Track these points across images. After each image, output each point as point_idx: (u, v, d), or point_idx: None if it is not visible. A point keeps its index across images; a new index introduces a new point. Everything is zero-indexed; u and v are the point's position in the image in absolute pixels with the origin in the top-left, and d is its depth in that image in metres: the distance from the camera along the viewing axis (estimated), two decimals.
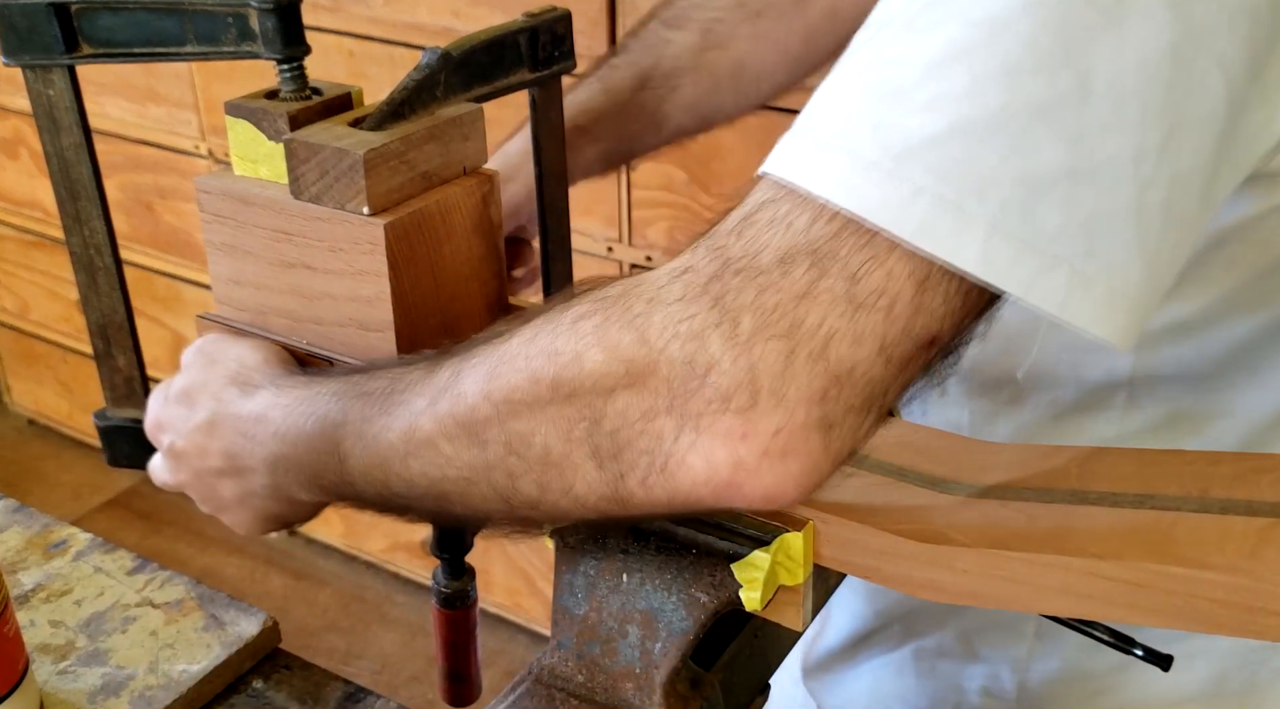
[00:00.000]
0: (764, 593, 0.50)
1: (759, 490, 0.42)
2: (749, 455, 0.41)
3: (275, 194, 0.61)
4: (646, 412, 0.43)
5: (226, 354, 0.63)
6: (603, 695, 0.55)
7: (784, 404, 0.41)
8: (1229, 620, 0.44)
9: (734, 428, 0.41)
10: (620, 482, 0.44)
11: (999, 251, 0.38)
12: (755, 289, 0.41)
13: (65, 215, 0.68)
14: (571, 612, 0.55)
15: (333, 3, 1.60)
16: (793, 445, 0.41)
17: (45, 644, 0.70)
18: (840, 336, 0.40)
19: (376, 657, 1.96)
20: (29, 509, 0.82)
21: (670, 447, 0.43)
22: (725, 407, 0.41)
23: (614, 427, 0.44)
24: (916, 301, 0.40)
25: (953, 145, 0.38)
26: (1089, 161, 0.38)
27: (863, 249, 0.40)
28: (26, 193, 2.19)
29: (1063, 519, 0.49)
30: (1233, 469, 0.51)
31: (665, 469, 0.43)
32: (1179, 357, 0.58)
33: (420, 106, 0.60)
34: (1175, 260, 0.42)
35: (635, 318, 0.43)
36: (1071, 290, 0.39)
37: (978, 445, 0.56)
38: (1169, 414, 0.60)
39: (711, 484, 0.42)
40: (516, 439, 0.47)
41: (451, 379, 0.49)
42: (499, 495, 0.48)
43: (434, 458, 0.50)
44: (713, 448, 0.42)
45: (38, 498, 2.21)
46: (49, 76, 0.65)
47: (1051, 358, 0.61)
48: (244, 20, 0.61)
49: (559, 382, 0.45)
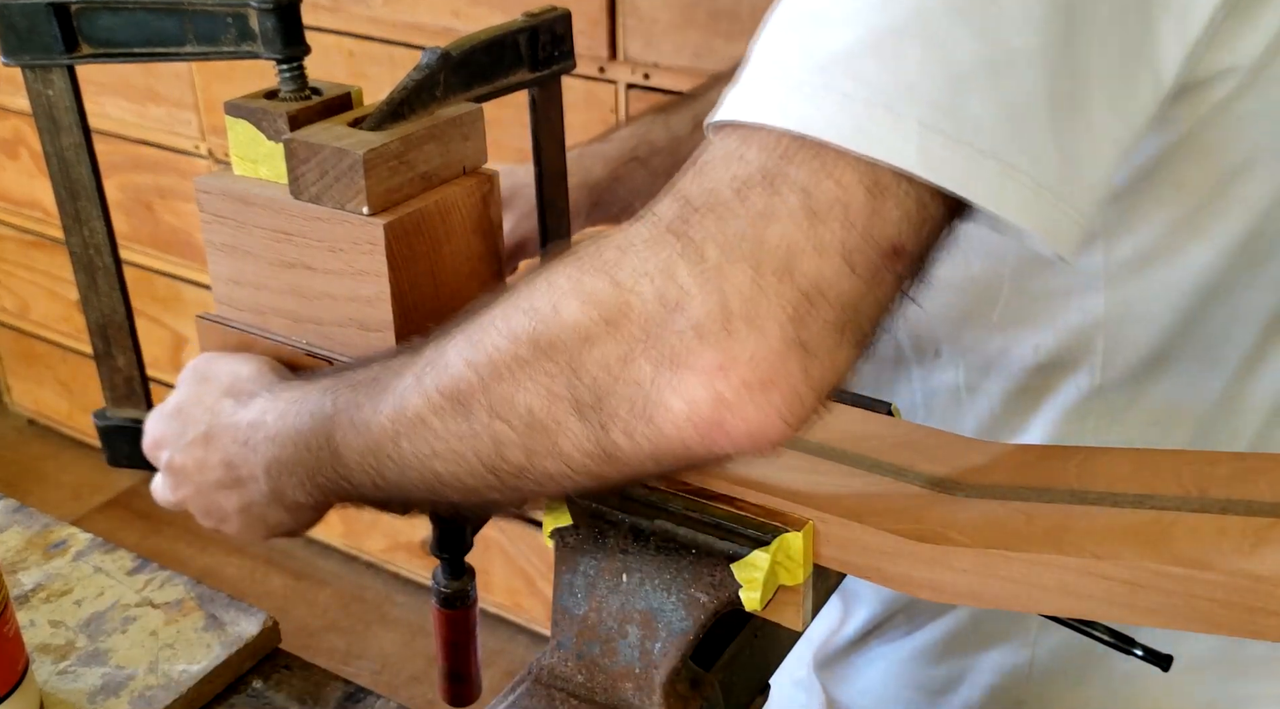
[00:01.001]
0: (764, 593, 0.50)
1: (743, 428, 0.42)
2: (728, 389, 0.41)
3: (275, 194, 0.61)
4: (624, 356, 0.43)
5: (219, 370, 0.63)
6: (602, 695, 0.55)
7: (757, 326, 0.41)
8: (1228, 620, 0.44)
9: (710, 360, 0.41)
10: (604, 434, 0.44)
11: (933, 146, 0.40)
12: (716, 219, 0.42)
13: (65, 215, 0.68)
14: (571, 612, 0.55)
15: (333, 3, 1.60)
16: (771, 373, 0.41)
17: (45, 644, 0.70)
18: (803, 250, 0.41)
19: (376, 657, 1.96)
20: (29, 509, 0.82)
21: (650, 390, 0.43)
22: (700, 338, 0.41)
23: (593, 376, 0.44)
24: (871, 207, 0.41)
25: (874, 51, 0.41)
26: (1003, 52, 0.40)
27: (810, 163, 0.41)
28: (26, 193, 2.19)
29: (1062, 519, 0.49)
30: (1231, 469, 0.51)
31: (647, 415, 0.43)
32: (1149, 292, 0.58)
33: (420, 106, 0.60)
34: (1097, 160, 0.44)
35: (606, 265, 0.44)
36: (1003, 181, 0.41)
37: (977, 445, 0.56)
38: (1149, 358, 0.60)
39: (695, 425, 0.42)
40: (500, 403, 0.47)
41: (436, 353, 0.50)
42: (487, 467, 0.48)
43: (423, 435, 0.50)
44: (692, 385, 0.42)
45: (38, 498, 2.21)
46: (49, 76, 0.65)
47: (1026, 302, 0.61)
48: (244, 20, 0.61)
49: (536, 337, 0.45)
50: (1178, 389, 0.61)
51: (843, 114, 0.40)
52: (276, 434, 0.57)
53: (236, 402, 0.60)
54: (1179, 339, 0.59)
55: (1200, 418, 0.61)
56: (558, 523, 0.55)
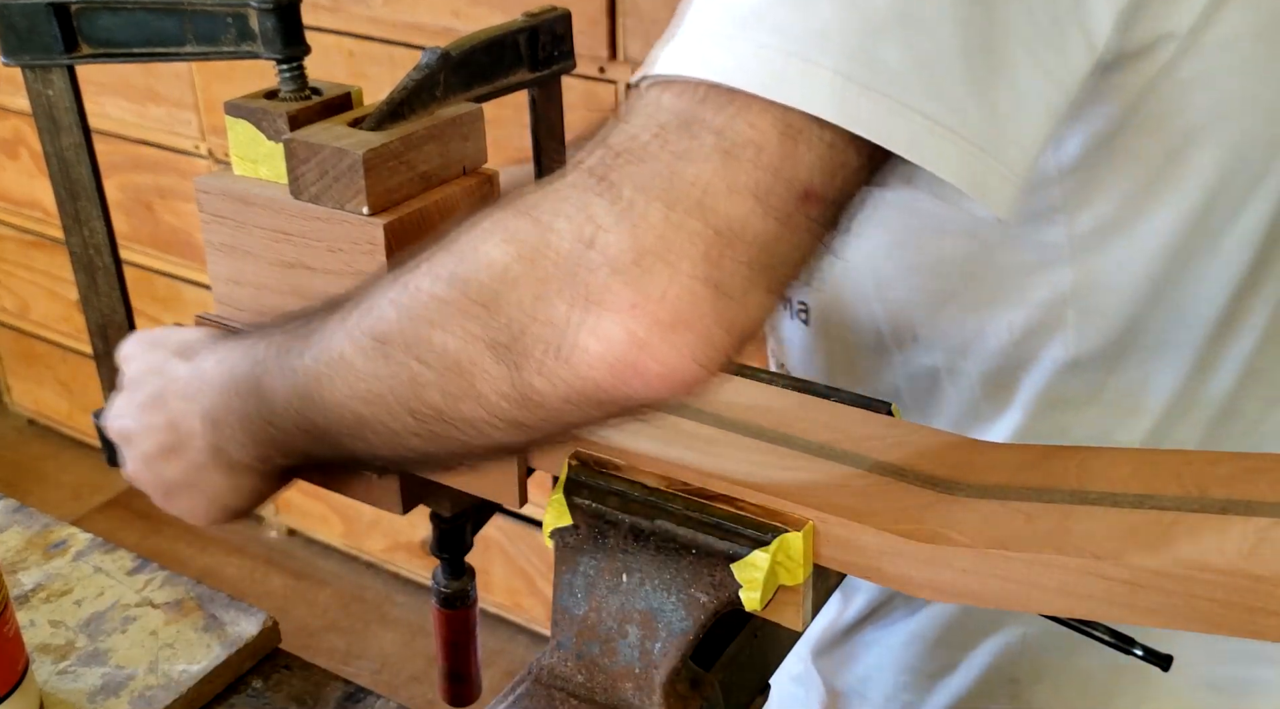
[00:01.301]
0: (764, 593, 0.50)
1: (656, 368, 0.42)
2: (641, 327, 0.42)
3: (275, 194, 0.61)
4: (539, 294, 0.43)
5: (170, 336, 0.63)
6: (602, 696, 0.55)
7: (670, 263, 0.41)
8: (1228, 620, 0.44)
9: (623, 297, 0.42)
10: (519, 374, 0.45)
11: (848, 93, 0.41)
12: (634, 161, 0.42)
13: (65, 215, 0.68)
14: (571, 612, 0.55)
15: (332, 3, 1.60)
16: (683, 312, 0.42)
17: (45, 644, 0.70)
18: (717, 190, 0.41)
19: (376, 657, 1.96)
20: (29, 509, 0.82)
21: (564, 329, 0.43)
22: (614, 275, 0.42)
23: (509, 315, 0.44)
24: (785, 150, 0.41)
25: (790, 3, 0.42)
26: (916, 5, 0.41)
27: (726, 109, 0.42)
28: (26, 193, 2.19)
29: (1062, 519, 0.49)
30: (1231, 469, 0.51)
31: (561, 353, 0.43)
32: (1114, 262, 0.59)
33: (420, 106, 0.60)
34: (1026, 118, 0.44)
35: (528, 206, 0.45)
36: (920, 131, 0.42)
37: (977, 445, 0.56)
38: (1121, 329, 0.61)
39: (608, 363, 0.43)
40: (419, 342, 0.47)
41: (365, 296, 0.50)
42: (406, 409, 0.49)
43: (345, 376, 0.50)
44: (606, 324, 0.42)
45: (38, 498, 2.21)
46: (49, 76, 0.65)
47: (996, 280, 0.62)
48: (243, 20, 0.61)
49: (456, 276, 0.46)
50: (1152, 359, 0.61)
51: (758, 62, 0.41)
52: (213, 380, 0.57)
53: (183, 359, 0.60)
54: (1148, 309, 0.60)
55: (1175, 387, 0.62)
56: (558, 523, 0.55)
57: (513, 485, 0.59)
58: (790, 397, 0.61)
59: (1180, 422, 0.63)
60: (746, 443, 0.56)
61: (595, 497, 0.54)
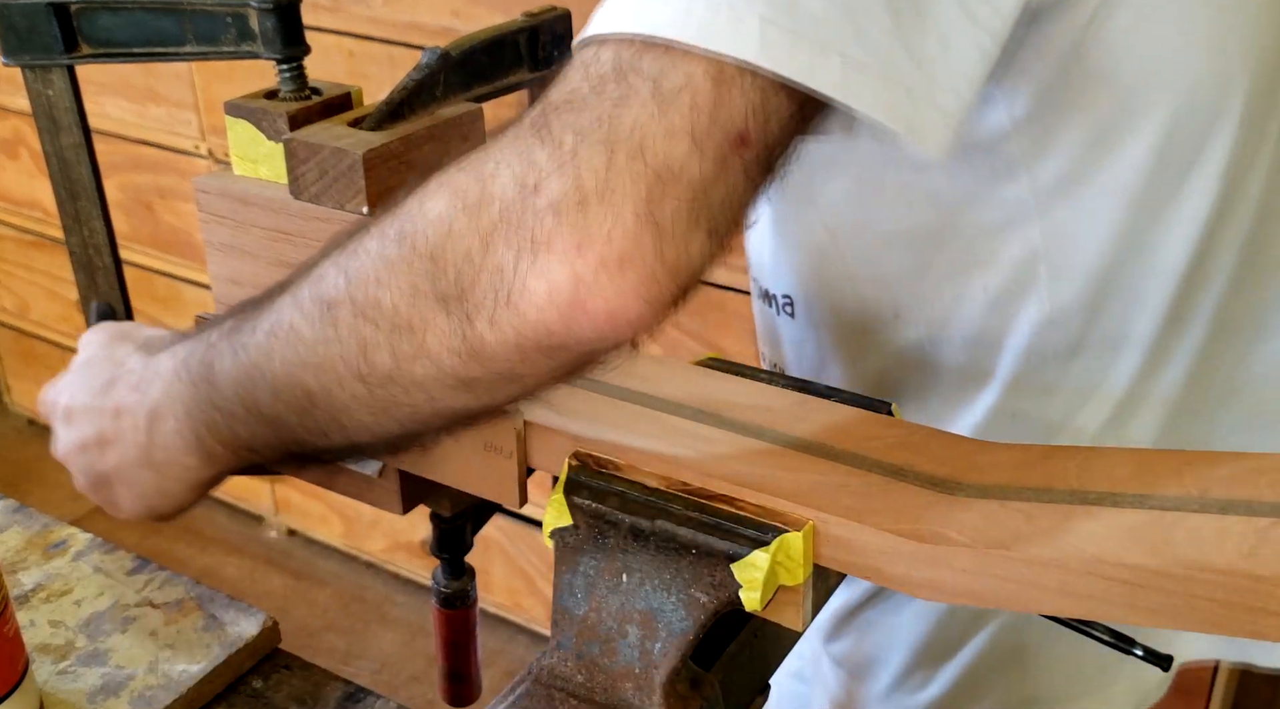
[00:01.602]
0: (764, 593, 0.50)
1: (602, 307, 0.43)
2: (585, 269, 0.43)
3: (274, 194, 0.61)
4: (486, 244, 0.44)
5: (137, 332, 0.64)
6: (602, 696, 0.55)
7: (611, 205, 0.43)
8: (1229, 620, 0.44)
9: (568, 240, 0.43)
10: (469, 326, 0.45)
11: (775, 41, 0.42)
12: (573, 112, 0.44)
13: (65, 215, 0.69)
14: (571, 612, 0.55)
15: (332, 3, 1.60)
16: (626, 251, 0.43)
17: (45, 644, 0.70)
18: (654, 133, 0.43)
19: (376, 657, 1.96)
20: (28, 509, 0.82)
21: (511, 276, 0.44)
22: (557, 218, 0.43)
23: (457, 268, 0.45)
24: (717, 96, 0.43)
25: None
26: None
27: (660, 59, 0.43)
28: (26, 193, 2.19)
29: (1062, 519, 0.49)
30: (1231, 469, 0.51)
31: (509, 300, 0.44)
32: (1083, 214, 0.60)
33: (420, 106, 0.60)
34: (955, 61, 0.46)
35: (471, 162, 0.46)
36: (847, 74, 0.43)
37: (977, 445, 0.56)
38: (1096, 281, 0.62)
39: (555, 306, 0.44)
40: (366, 303, 0.48)
41: (313, 266, 0.51)
42: (355, 374, 0.49)
43: (294, 345, 0.51)
44: (551, 266, 0.43)
45: (37, 498, 2.21)
46: (48, 76, 0.65)
47: (967, 244, 0.63)
48: (243, 20, 0.61)
49: (402, 235, 0.47)
50: (1127, 310, 0.63)
51: (687, 14, 0.43)
52: (163, 371, 0.57)
53: (146, 353, 0.61)
54: (1119, 259, 0.61)
55: (1152, 338, 0.63)
56: (558, 523, 0.55)
57: (513, 485, 0.59)
58: (790, 396, 0.61)
59: (1161, 372, 0.64)
60: (746, 443, 0.56)
61: (595, 497, 0.54)
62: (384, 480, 0.63)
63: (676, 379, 0.61)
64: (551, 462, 0.57)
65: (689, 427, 0.57)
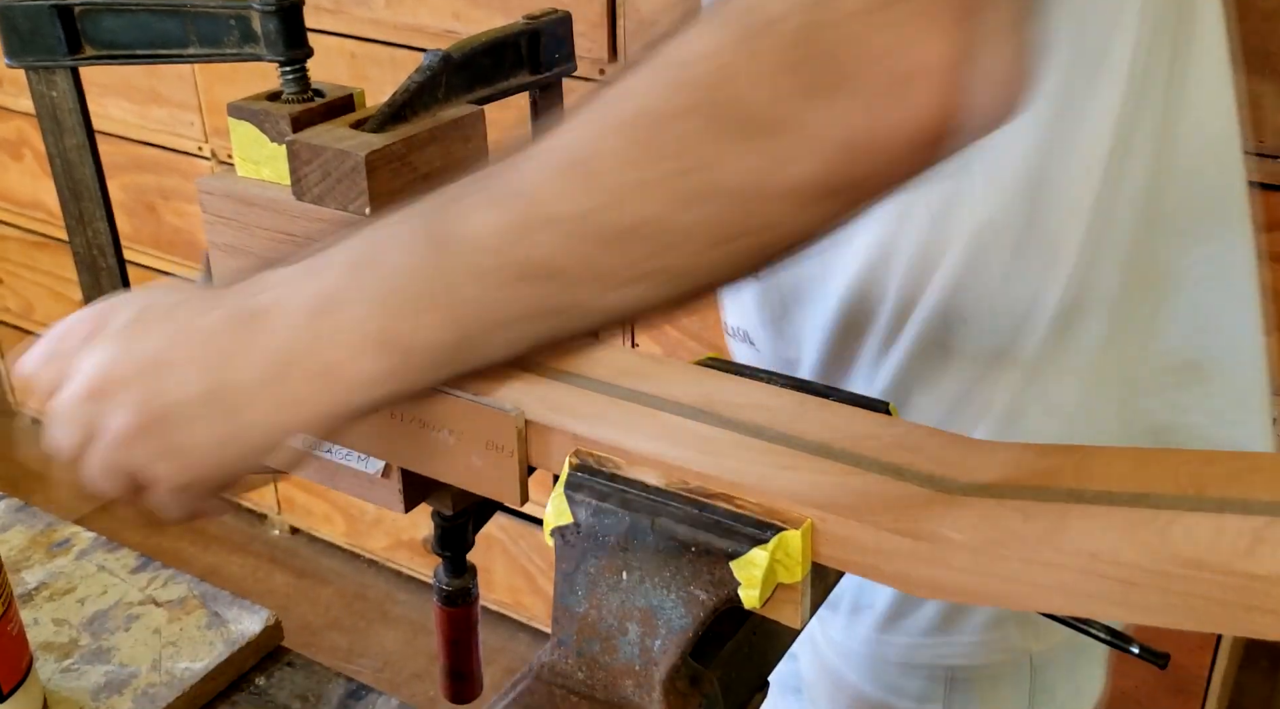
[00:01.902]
0: (762, 591, 0.51)
1: (1000, 73, 0.39)
2: (973, 38, 0.38)
3: (277, 195, 0.61)
4: (865, 24, 0.38)
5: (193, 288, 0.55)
6: (603, 693, 0.55)
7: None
8: (1225, 619, 0.44)
9: (946, 11, 0.38)
10: (850, 116, 0.39)
11: None
12: None
13: (68, 216, 0.69)
14: (572, 609, 0.56)
15: (335, 5, 1.61)
16: (1001, 19, 0.39)
17: (49, 642, 0.70)
18: None
19: (378, 654, 1.96)
20: (32, 508, 0.83)
21: (897, 55, 0.38)
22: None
23: (830, 41, 0.39)
24: None
25: None
26: None
27: None
28: (30, 194, 2.19)
29: (1059, 518, 0.49)
30: (1228, 468, 0.51)
31: (902, 81, 0.39)
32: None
33: (422, 108, 0.61)
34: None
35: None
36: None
37: (975, 444, 0.57)
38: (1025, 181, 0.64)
39: (953, 81, 0.39)
40: (717, 103, 0.41)
41: (605, 90, 0.45)
42: (701, 191, 0.42)
43: (610, 164, 0.43)
44: (936, 41, 0.38)
45: (41, 497, 2.22)
46: (52, 78, 0.65)
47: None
48: (246, 22, 0.61)
49: (751, 29, 0.40)
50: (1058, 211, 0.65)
51: None
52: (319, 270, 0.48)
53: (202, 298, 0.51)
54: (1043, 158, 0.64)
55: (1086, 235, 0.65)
56: (559, 521, 0.55)
57: (514, 484, 0.59)
58: (789, 396, 0.61)
59: (1097, 273, 0.66)
60: (746, 442, 0.56)
61: (596, 495, 0.54)
62: (386, 479, 0.63)
63: (676, 379, 0.61)
64: (552, 460, 0.57)
65: (689, 426, 0.57)
